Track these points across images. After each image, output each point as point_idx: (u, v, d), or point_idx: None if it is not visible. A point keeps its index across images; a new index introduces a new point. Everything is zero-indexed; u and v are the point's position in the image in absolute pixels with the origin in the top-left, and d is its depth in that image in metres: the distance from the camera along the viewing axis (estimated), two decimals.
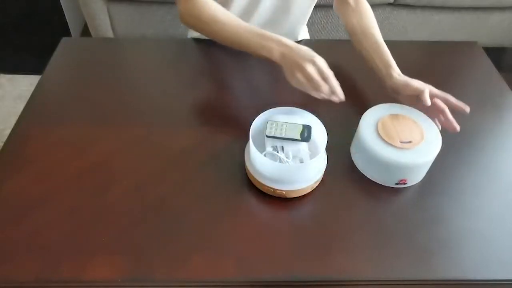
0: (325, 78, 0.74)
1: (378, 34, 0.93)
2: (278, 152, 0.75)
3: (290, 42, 0.77)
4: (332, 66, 1.06)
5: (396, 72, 0.86)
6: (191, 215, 0.73)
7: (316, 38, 1.16)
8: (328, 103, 0.93)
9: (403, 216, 0.74)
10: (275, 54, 0.77)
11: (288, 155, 0.75)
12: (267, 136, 0.76)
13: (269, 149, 0.75)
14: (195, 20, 0.87)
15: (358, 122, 0.80)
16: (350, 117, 0.85)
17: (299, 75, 0.74)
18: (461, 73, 1.05)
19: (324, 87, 0.74)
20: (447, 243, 0.71)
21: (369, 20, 0.95)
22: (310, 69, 0.72)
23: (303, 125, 0.77)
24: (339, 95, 0.76)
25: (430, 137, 0.77)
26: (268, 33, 0.79)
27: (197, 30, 0.92)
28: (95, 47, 1.14)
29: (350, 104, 0.91)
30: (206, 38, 1.10)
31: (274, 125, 0.76)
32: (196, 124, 0.89)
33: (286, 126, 0.76)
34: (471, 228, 0.73)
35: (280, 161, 0.74)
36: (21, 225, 0.71)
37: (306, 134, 0.76)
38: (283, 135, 0.75)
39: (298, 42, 1.13)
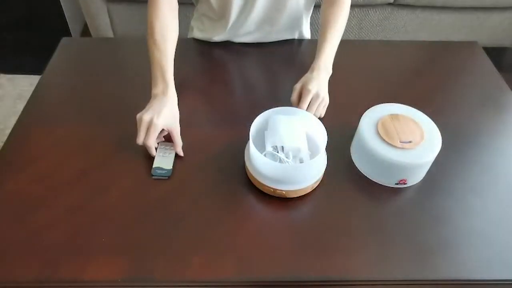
0: (146, 141, 0.79)
1: (331, 29, 0.95)
2: (278, 152, 0.75)
3: (171, 95, 0.83)
4: (332, 66, 1.06)
5: (312, 69, 0.89)
6: (191, 215, 0.73)
7: (316, 38, 1.16)
8: (329, 103, 0.93)
9: (403, 216, 0.74)
10: (153, 94, 0.84)
11: (288, 155, 0.75)
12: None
13: (269, 149, 0.75)
14: (147, 23, 0.91)
15: (358, 122, 0.80)
16: (350, 117, 0.85)
17: (140, 116, 0.80)
18: (461, 73, 1.05)
19: (139, 141, 0.79)
20: (447, 243, 0.71)
21: (331, 15, 0.97)
22: (145, 119, 0.78)
23: None
24: (151, 153, 0.81)
25: (430, 137, 0.77)
26: (170, 76, 0.85)
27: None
28: (95, 47, 1.14)
29: (350, 104, 0.91)
30: (207, 38, 1.10)
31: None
32: (196, 124, 0.89)
33: None
34: (471, 228, 0.73)
35: (280, 161, 0.74)
36: (21, 225, 0.71)
37: None
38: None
39: (299, 41, 1.13)
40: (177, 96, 0.86)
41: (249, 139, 0.76)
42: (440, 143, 0.77)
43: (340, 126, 0.86)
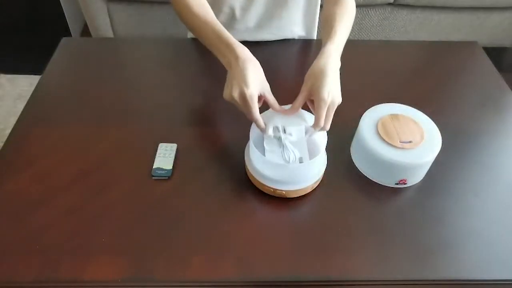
0: (249, 116, 0.72)
1: (338, 21, 0.84)
2: (279, 131, 0.73)
3: (243, 57, 0.73)
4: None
5: (323, 67, 0.74)
6: (191, 215, 0.73)
7: (316, 38, 1.16)
8: None
9: (403, 216, 0.74)
10: (225, 61, 0.76)
11: (291, 134, 0.73)
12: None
13: (270, 132, 0.73)
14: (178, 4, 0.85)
15: (358, 122, 0.80)
16: (350, 117, 0.85)
17: (227, 94, 0.73)
18: (461, 73, 1.05)
19: (255, 114, 0.72)
20: (447, 243, 0.71)
21: (336, 14, 0.87)
22: (235, 95, 0.71)
23: None
24: (261, 129, 0.74)
25: (430, 137, 0.77)
26: (231, 39, 0.76)
27: (177, 14, 0.90)
28: (95, 47, 1.14)
29: (350, 104, 0.91)
30: None
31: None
32: (196, 124, 0.89)
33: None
34: (471, 228, 0.73)
35: (283, 143, 0.72)
36: (21, 225, 0.71)
37: None
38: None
39: (301, 40, 1.13)
40: (177, 95, 0.86)
41: (249, 139, 0.76)
42: (440, 143, 0.77)
43: (340, 126, 0.85)
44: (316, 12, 1.11)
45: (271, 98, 0.75)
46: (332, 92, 0.72)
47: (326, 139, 0.75)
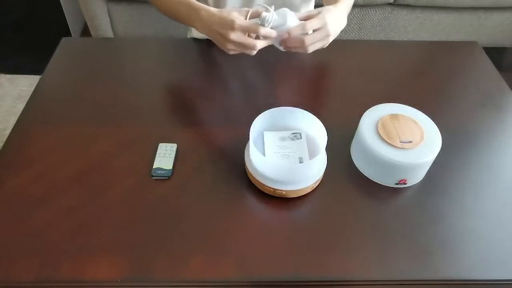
0: (253, 33, 0.72)
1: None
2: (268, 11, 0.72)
3: (210, 11, 0.76)
4: (332, 66, 1.06)
5: (333, 8, 0.81)
6: (191, 215, 0.73)
7: None
8: (328, 103, 0.93)
9: (403, 216, 0.74)
10: (197, 24, 0.78)
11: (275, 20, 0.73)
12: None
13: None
14: None
15: (358, 122, 0.80)
16: (350, 117, 0.85)
17: (230, 46, 0.73)
18: (461, 73, 1.05)
19: (259, 43, 0.72)
20: (447, 243, 0.71)
21: None
22: (234, 36, 0.71)
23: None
24: (272, 35, 0.74)
25: (430, 137, 0.77)
26: (196, 3, 0.79)
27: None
28: (95, 47, 1.14)
29: (350, 104, 0.91)
30: (206, 38, 1.10)
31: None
32: (196, 124, 0.89)
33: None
34: (471, 228, 0.73)
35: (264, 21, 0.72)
36: (21, 225, 0.71)
37: None
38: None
39: None
40: (177, 95, 0.85)
41: (249, 139, 0.76)
42: (440, 143, 0.77)
43: (340, 126, 0.86)
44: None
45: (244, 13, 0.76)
46: (333, 23, 0.76)
47: (326, 139, 0.75)
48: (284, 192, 0.74)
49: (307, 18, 0.79)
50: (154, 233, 0.70)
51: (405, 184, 0.78)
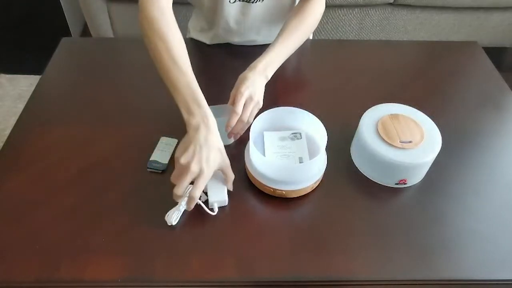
0: (192, 193, 0.68)
1: (285, 35, 0.88)
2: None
3: (213, 128, 0.71)
4: (332, 66, 1.06)
5: (248, 70, 0.83)
6: (191, 215, 0.73)
7: (316, 38, 1.16)
8: (328, 103, 0.93)
9: (403, 216, 0.74)
10: (192, 124, 0.70)
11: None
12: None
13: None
14: (148, 24, 0.79)
15: (358, 122, 0.80)
16: (350, 117, 0.85)
17: (186, 161, 0.67)
18: (461, 73, 1.05)
19: (180, 191, 0.68)
20: (447, 243, 0.71)
21: (293, 22, 0.91)
22: (194, 170, 0.66)
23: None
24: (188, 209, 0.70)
25: (430, 137, 0.77)
26: (202, 98, 0.73)
27: (144, 36, 0.82)
28: (95, 47, 1.14)
29: (350, 104, 0.91)
30: (203, 40, 1.10)
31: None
32: None
33: None
34: (471, 228, 0.73)
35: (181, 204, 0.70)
36: (21, 225, 0.71)
37: None
38: None
39: None
40: None
41: (249, 139, 0.76)
42: (440, 143, 0.77)
43: (340, 126, 0.86)
44: None
45: (230, 173, 0.73)
46: (253, 89, 0.80)
47: (326, 139, 0.75)
48: (284, 192, 0.74)
49: (232, 102, 0.80)
50: (154, 233, 0.70)
51: (405, 184, 0.78)
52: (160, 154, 0.80)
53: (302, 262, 0.67)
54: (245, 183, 0.78)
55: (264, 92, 0.83)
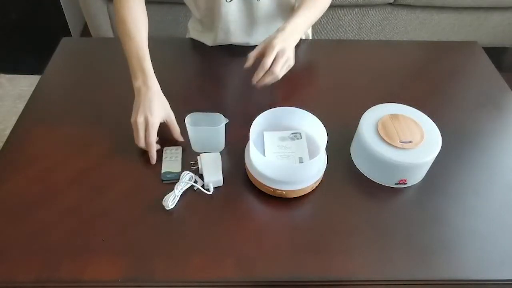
0: (147, 139, 0.79)
1: (308, 3, 0.94)
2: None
3: (154, 87, 0.82)
4: (332, 66, 1.06)
5: (279, 30, 0.87)
6: (191, 215, 0.73)
7: (316, 38, 1.16)
8: (328, 103, 0.94)
9: (403, 216, 0.74)
10: (135, 88, 0.82)
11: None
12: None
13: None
14: (117, 17, 0.89)
15: (358, 122, 0.80)
16: (350, 117, 0.85)
17: (134, 119, 0.79)
18: (461, 73, 1.05)
19: (140, 143, 0.79)
20: (447, 243, 0.71)
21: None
22: (140, 121, 0.78)
23: None
24: (152, 158, 0.80)
25: (430, 137, 0.77)
26: (148, 69, 0.83)
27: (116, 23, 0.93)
28: (95, 47, 1.14)
29: (350, 104, 0.91)
30: (202, 41, 1.10)
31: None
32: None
33: None
34: (471, 228, 0.73)
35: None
36: (21, 225, 0.71)
37: None
38: None
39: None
40: (177, 95, 0.86)
41: (249, 139, 0.76)
42: (440, 143, 0.77)
43: (340, 126, 0.86)
44: None
45: (173, 125, 0.83)
46: (285, 44, 0.84)
47: (326, 139, 0.75)
48: (284, 192, 0.74)
49: (260, 54, 0.86)
50: (154, 233, 0.70)
51: (405, 184, 0.78)
52: (169, 163, 0.80)
53: (302, 262, 0.67)
54: (245, 183, 0.78)
55: (264, 92, 0.83)
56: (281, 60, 0.83)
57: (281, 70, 0.84)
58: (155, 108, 0.79)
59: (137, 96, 0.81)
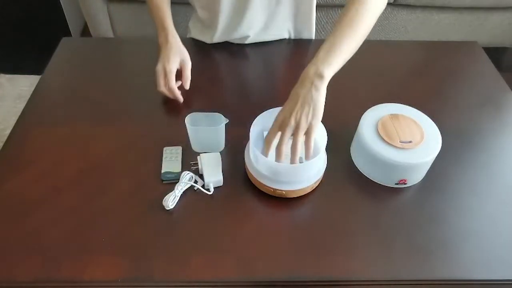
0: (168, 85, 0.90)
1: (335, 30, 0.77)
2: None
3: (172, 40, 0.94)
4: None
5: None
6: (191, 215, 0.73)
7: (316, 38, 1.16)
8: (328, 103, 0.93)
9: (403, 216, 0.74)
10: (159, 43, 0.95)
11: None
12: None
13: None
14: None
15: (358, 122, 0.80)
16: (350, 117, 0.85)
17: (155, 70, 0.91)
18: (461, 73, 1.05)
19: (159, 87, 0.91)
20: (447, 243, 0.71)
21: (342, 16, 0.78)
22: (159, 69, 0.91)
23: None
24: (178, 99, 0.92)
25: (430, 137, 0.77)
26: (168, 23, 0.96)
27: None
28: (95, 47, 1.14)
29: (350, 104, 0.91)
30: (203, 40, 1.10)
31: None
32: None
33: None
34: (471, 228, 0.73)
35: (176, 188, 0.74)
36: (21, 225, 0.71)
37: None
38: None
39: (298, 40, 1.13)
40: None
41: (249, 139, 0.76)
42: (440, 143, 0.77)
43: (340, 126, 0.86)
44: (311, 10, 1.10)
45: (187, 72, 0.93)
46: (281, 114, 0.71)
47: (326, 139, 0.75)
48: (284, 192, 0.74)
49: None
50: (154, 233, 0.70)
51: (405, 184, 0.78)
52: (169, 163, 0.79)
53: (302, 262, 0.67)
54: (245, 183, 0.78)
55: (264, 92, 0.82)
56: (299, 137, 0.69)
57: (298, 136, 0.69)
58: (171, 57, 0.91)
59: (160, 49, 0.94)
